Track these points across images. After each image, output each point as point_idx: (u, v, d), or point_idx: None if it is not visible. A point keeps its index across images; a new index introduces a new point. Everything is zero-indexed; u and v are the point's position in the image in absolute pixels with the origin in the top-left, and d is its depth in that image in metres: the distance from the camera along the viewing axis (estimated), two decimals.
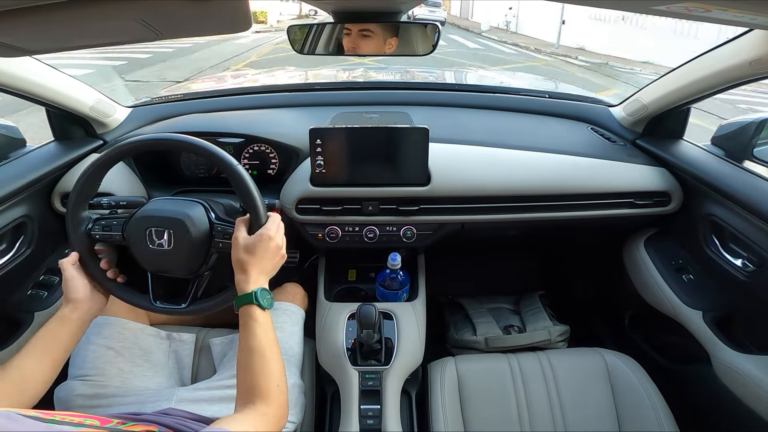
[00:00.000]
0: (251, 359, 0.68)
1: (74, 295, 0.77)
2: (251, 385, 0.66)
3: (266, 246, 0.75)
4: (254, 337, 0.69)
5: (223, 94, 1.44)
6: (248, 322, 0.70)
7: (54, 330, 0.74)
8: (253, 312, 0.71)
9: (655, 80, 1.16)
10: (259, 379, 0.66)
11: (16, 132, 1.12)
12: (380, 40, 0.92)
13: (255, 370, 0.67)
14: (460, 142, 1.14)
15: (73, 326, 0.76)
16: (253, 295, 0.71)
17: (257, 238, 0.74)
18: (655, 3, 0.47)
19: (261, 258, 0.74)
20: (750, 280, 0.93)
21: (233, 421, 0.58)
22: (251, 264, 0.74)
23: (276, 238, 0.76)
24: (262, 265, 0.75)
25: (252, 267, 0.74)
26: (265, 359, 0.68)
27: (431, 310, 1.16)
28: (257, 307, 0.71)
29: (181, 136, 0.80)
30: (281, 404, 0.66)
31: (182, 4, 0.45)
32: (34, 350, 0.71)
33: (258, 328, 0.70)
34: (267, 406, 0.63)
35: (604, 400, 0.99)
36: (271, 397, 0.65)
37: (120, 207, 0.88)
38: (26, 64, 0.95)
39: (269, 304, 0.73)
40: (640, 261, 1.21)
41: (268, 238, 0.75)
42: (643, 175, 1.11)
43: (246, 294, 0.72)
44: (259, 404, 0.63)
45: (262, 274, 0.75)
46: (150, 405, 0.84)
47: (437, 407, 0.96)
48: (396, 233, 1.11)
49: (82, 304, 0.77)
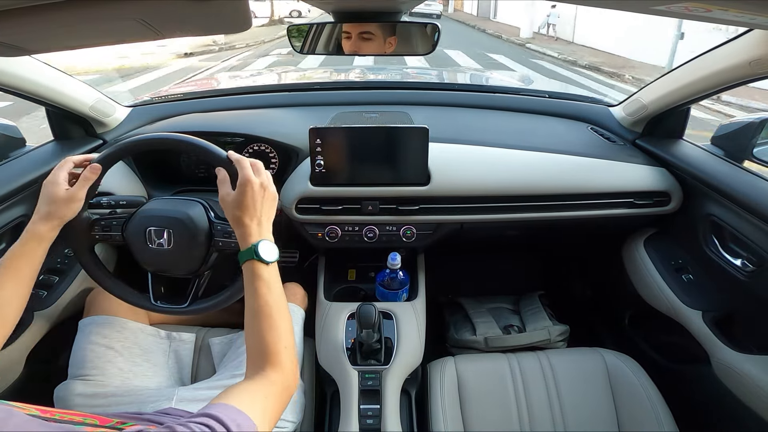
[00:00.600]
0: (258, 321, 0.64)
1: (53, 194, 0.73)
2: (258, 350, 0.62)
3: (253, 191, 0.70)
4: (258, 297, 0.65)
5: (223, 94, 1.45)
6: (252, 279, 0.66)
7: (27, 251, 0.70)
8: (255, 268, 0.66)
9: (655, 80, 1.16)
10: (266, 341, 0.62)
11: (16, 132, 1.12)
12: (380, 41, 0.92)
13: (262, 332, 0.63)
14: (460, 142, 1.14)
15: (45, 245, 0.72)
16: (253, 249, 0.67)
17: (240, 188, 0.70)
18: (655, 3, 0.47)
19: (252, 205, 0.70)
20: (750, 280, 0.93)
21: (240, 392, 0.55)
22: (245, 215, 0.69)
23: (258, 180, 0.71)
24: (257, 213, 0.70)
25: (247, 218, 0.69)
26: (272, 319, 0.64)
27: (431, 310, 1.16)
28: (259, 262, 0.67)
29: (179, 135, 0.80)
30: (290, 368, 0.63)
31: (182, 4, 0.45)
32: (12, 275, 0.68)
33: (262, 286, 0.66)
34: (276, 372, 0.60)
35: (604, 400, 0.99)
36: (278, 360, 0.61)
37: (120, 207, 0.88)
38: (26, 64, 0.95)
39: (272, 256, 0.68)
40: (640, 261, 1.21)
41: (251, 181, 0.70)
42: (643, 175, 1.11)
43: (247, 249, 0.68)
44: (268, 370, 0.60)
45: (260, 222, 0.71)
46: (150, 405, 0.84)
47: (437, 407, 0.96)
48: (396, 233, 1.11)
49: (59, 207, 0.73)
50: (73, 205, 0.75)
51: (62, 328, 1.04)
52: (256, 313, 0.64)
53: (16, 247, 0.70)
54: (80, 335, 0.95)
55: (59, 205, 0.73)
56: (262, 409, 0.54)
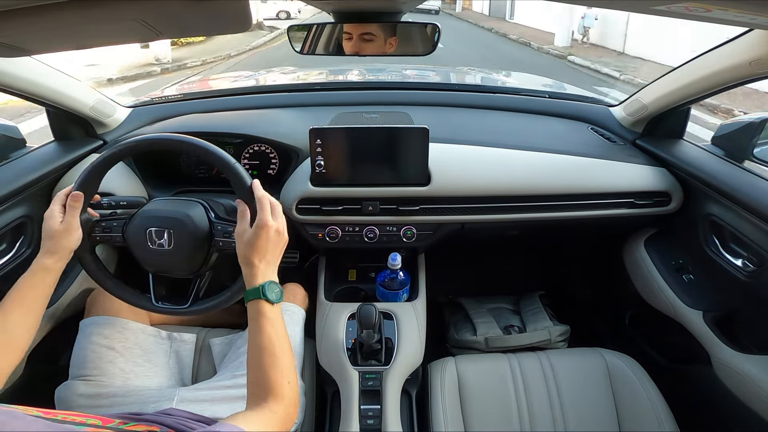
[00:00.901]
0: (261, 357, 0.66)
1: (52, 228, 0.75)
2: (262, 383, 0.64)
3: (267, 235, 0.72)
4: (263, 334, 0.67)
5: (223, 94, 1.44)
6: (257, 317, 0.69)
7: (36, 282, 0.73)
8: (261, 307, 0.69)
9: (656, 80, 1.16)
10: (269, 376, 0.65)
11: (16, 132, 1.12)
12: (381, 41, 0.92)
13: (265, 367, 0.65)
14: (460, 142, 1.14)
15: (54, 276, 0.75)
16: (260, 290, 0.69)
17: (256, 230, 0.72)
18: (656, 3, 0.47)
19: (264, 249, 0.72)
20: (750, 280, 0.93)
21: (244, 419, 0.58)
22: (255, 257, 0.72)
23: (275, 224, 0.74)
24: (267, 256, 0.73)
25: (257, 259, 0.72)
26: (276, 356, 0.66)
27: (431, 310, 1.16)
28: (265, 301, 0.69)
29: (179, 135, 0.80)
30: (291, 401, 0.65)
31: (182, 5, 0.45)
32: (18, 305, 0.70)
33: (267, 324, 0.68)
34: (277, 404, 0.62)
35: (604, 400, 0.99)
36: (281, 394, 0.64)
37: (120, 207, 0.88)
38: (26, 64, 0.95)
39: (277, 297, 0.71)
40: (640, 261, 1.21)
41: (268, 226, 0.72)
42: (643, 175, 1.11)
43: (254, 288, 0.70)
44: (270, 402, 0.62)
45: (268, 264, 0.73)
46: (151, 405, 0.84)
47: (437, 407, 0.96)
48: (396, 233, 1.11)
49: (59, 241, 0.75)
50: (70, 235, 0.76)
51: (63, 328, 1.04)
52: (260, 349, 0.67)
53: (25, 278, 0.73)
54: (81, 336, 0.95)
55: (58, 238, 0.75)
56: None
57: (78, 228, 0.78)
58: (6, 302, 0.70)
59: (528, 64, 8.92)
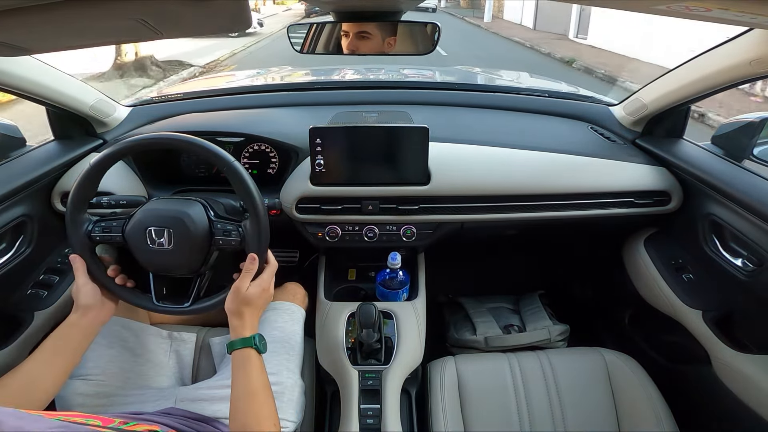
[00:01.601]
0: (247, 402, 0.71)
1: (84, 302, 0.79)
2: (248, 426, 0.68)
3: (265, 296, 0.80)
4: (251, 381, 0.72)
5: (223, 94, 1.44)
6: (245, 364, 0.74)
7: (62, 336, 0.76)
8: (250, 355, 0.75)
9: (656, 79, 1.16)
10: (256, 420, 0.69)
11: (16, 131, 1.12)
12: (379, 40, 0.92)
13: (251, 412, 0.70)
14: (460, 142, 1.13)
15: (81, 332, 0.78)
16: (252, 340, 0.76)
17: (258, 290, 0.79)
18: (656, 3, 0.47)
19: (256, 306, 0.80)
20: (750, 280, 0.93)
21: None
22: (248, 311, 0.78)
23: (270, 288, 0.82)
24: (257, 311, 0.80)
25: (248, 314, 0.78)
26: (260, 401, 0.71)
27: (431, 310, 1.16)
28: (255, 351, 0.75)
29: (179, 134, 0.80)
30: None
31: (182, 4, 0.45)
32: (42, 355, 0.73)
33: (254, 371, 0.74)
34: None
35: (604, 399, 1.00)
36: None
37: (120, 206, 0.88)
38: (26, 64, 0.95)
39: (264, 348, 0.78)
40: (640, 260, 1.21)
41: (265, 290, 0.80)
42: (643, 174, 1.11)
43: (245, 338, 0.76)
44: None
45: (256, 318, 0.80)
46: (151, 404, 0.84)
47: (437, 407, 0.96)
48: (396, 232, 1.12)
49: (90, 310, 0.79)
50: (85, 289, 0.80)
51: None
52: (246, 394, 0.72)
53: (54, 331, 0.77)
54: None
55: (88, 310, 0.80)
56: None
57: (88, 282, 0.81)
58: (35, 352, 0.74)
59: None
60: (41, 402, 0.71)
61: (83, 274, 0.81)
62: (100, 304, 0.81)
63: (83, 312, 0.78)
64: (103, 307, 0.82)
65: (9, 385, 0.68)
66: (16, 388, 0.68)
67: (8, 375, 0.70)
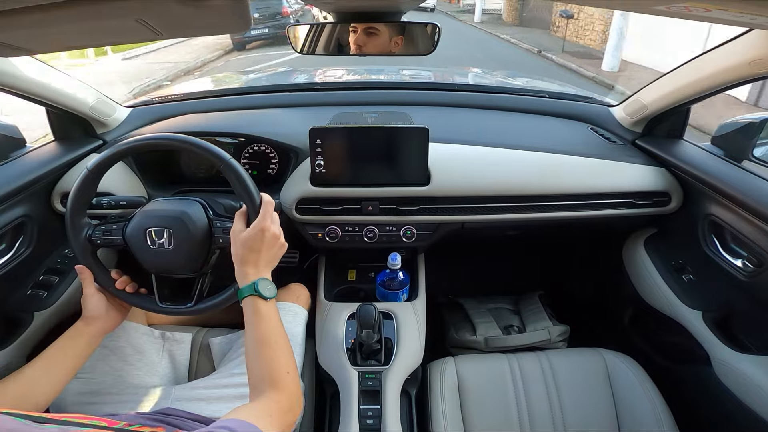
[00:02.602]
0: (258, 351, 0.68)
1: (90, 312, 0.80)
2: (261, 376, 0.66)
3: (263, 237, 0.75)
4: (258, 329, 0.69)
5: (223, 94, 1.44)
6: (252, 314, 0.71)
7: (66, 343, 0.77)
8: (255, 303, 0.71)
9: (655, 80, 1.16)
10: (268, 369, 0.66)
11: (15, 132, 1.12)
12: (386, 38, 0.91)
13: (263, 360, 0.67)
14: (460, 142, 1.13)
15: (85, 340, 0.78)
16: (253, 286, 0.71)
17: (253, 231, 0.74)
18: (655, 3, 0.47)
19: (258, 250, 0.75)
20: (750, 280, 0.93)
21: (247, 410, 0.59)
22: (250, 257, 0.74)
23: (272, 228, 0.76)
24: (262, 257, 0.75)
25: (251, 260, 0.74)
26: (271, 348, 0.68)
27: (431, 310, 1.16)
28: (259, 297, 0.71)
29: (172, 134, 0.81)
30: (293, 391, 0.67)
31: (182, 4, 0.45)
32: (44, 361, 0.74)
33: (261, 320, 0.70)
34: (279, 394, 0.64)
35: (604, 400, 0.99)
36: (282, 385, 0.65)
37: (120, 207, 0.88)
38: (26, 64, 0.95)
39: (271, 293, 0.73)
40: (640, 261, 1.21)
41: (265, 229, 0.75)
42: (643, 175, 1.11)
43: (246, 286, 0.72)
44: (271, 392, 0.64)
45: (262, 265, 0.75)
46: (146, 403, 0.85)
47: (437, 407, 0.96)
48: (396, 233, 1.11)
49: (96, 320, 0.80)
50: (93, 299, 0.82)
51: (62, 328, 1.04)
52: (256, 343, 0.68)
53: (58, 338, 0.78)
54: None
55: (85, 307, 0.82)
56: (267, 424, 0.56)
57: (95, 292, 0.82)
58: (38, 357, 0.74)
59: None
60: (39, 406, 0.71)
61: (90, 284, 0.82)
62: (105, 314, 0.82)
63: (89, 321, 0.80)
64: (108, 317, 0.83)
65: (9, 389, 0.69)
66: (17, 392, 0.69)
67: (9, 378, 0.70)
